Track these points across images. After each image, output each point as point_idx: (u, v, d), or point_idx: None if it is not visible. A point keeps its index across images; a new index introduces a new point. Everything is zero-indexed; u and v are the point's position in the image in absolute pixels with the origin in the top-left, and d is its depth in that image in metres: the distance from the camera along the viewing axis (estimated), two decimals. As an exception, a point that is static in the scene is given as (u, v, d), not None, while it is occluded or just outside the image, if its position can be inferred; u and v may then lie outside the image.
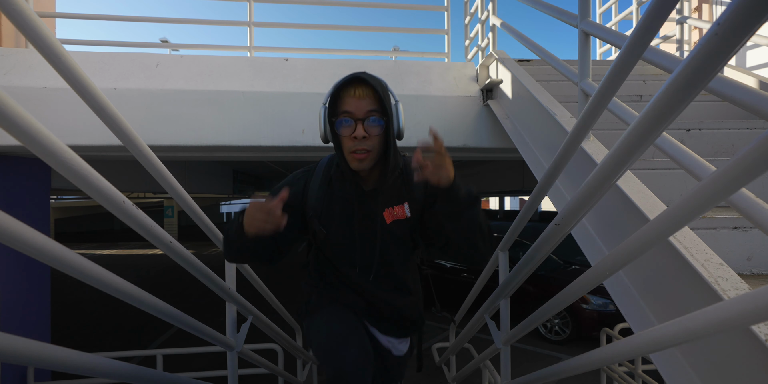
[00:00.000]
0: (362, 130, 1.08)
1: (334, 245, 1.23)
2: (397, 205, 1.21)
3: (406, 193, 1.22)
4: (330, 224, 1.20)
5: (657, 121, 0.56)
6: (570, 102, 2.12)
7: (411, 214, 1.22)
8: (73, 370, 0.62)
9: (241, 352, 1.62)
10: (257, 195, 1.01)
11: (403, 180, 1.22)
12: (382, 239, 1.21)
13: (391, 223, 1.21)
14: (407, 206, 1.21)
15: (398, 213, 1.21)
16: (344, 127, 1.10)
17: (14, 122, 0.53)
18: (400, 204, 1.21)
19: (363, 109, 1.08)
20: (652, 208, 1.08)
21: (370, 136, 1.09)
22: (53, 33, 0.65)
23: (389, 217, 1.20)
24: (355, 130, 1.08)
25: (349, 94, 1.10)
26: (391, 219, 1.20)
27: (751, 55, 2.94)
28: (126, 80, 2.79)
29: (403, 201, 1.21)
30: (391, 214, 1.21)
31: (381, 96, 1.09)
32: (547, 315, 1.14)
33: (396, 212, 1.21)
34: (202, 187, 9.04)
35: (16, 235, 0.50)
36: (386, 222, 1.20)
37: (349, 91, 1.10)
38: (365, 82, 1.10)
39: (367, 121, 1.08)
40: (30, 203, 3.41)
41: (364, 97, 1.09)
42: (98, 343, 5.57)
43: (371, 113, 1.09)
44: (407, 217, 1.21)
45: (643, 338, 0.63)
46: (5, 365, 3.07)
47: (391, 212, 1.20)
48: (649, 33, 0.70)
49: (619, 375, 3.04)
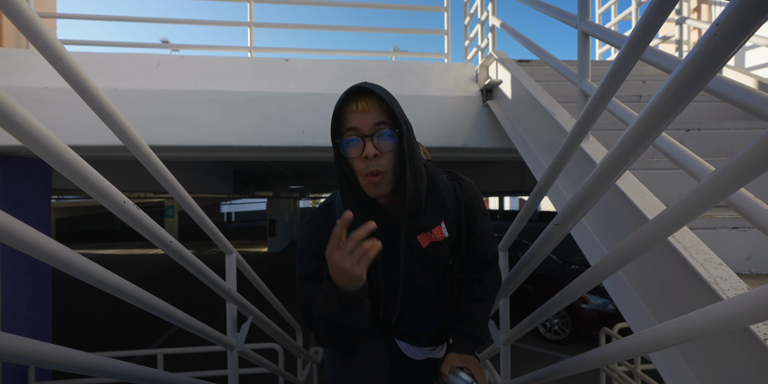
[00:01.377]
0: (372, 148, 0.92)
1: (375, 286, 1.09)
2: (434, 228, 1.07)
3: (441, 213, 1.08)
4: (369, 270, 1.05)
5: (656, 122, 0.56)
6: (569, 102, 2.12)
7: (449, 233, 1.09)
8: (73, 370, 0.62)
9: (241, 351, 1.62)
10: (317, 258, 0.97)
11: (433, 199, 1.08)
12: (419, 261, 1.08)
13: (429, 246, 1.07)
14: (444, 227, 1.08)
15: (436, 235, 1.07)
16: (351, 147, 0.94)
17: (15, 122, 0.53)
18: (437, 224, 1.07)
19: (369, 123, 0.93)
20: (652, 208, 1.08)
21: (383, 153, 0.93)
22: (54, 33, 0.65)
23: (426, 239, 1.07)
24: (364, 148, 0.93)
25: (351, 110, 0.94)
26: (427, 241, 1.07)
27: (750, 55, 2.94)
28: (127, 80, 2.80)
29: (439, 221, 1.08)
30: (428, 237, 1.07)
31: (389, 105, 0.94)
32: (547, 315, 1.14)
33: (434, 235, 1.07)
34: (203, 187, 9.04)
35: (17, 235, 0.50)
36: (422, 246, 1.07)
37: (350, 106, 0.94)
38: (368, 92, 0.94)
39: (376, 136, 0.93)
40: (31, 203, 3.41)
41: (368, 109, 0.93)
42: (99, 343, 5.57)
43: (380, 126, 0.93)
44: (445, 238, 1.08)
45: (642, 338, 0.63)
46: (6, 365, 3.07)
47: (428, 236, 1.07)
48: (648, 33, 0.70)
49: (618, 374, 3.05)
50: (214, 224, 1.36)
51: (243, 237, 20.58)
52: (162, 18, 3.31)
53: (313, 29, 3.50)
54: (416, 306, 1.14)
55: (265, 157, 3.31)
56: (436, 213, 1.07)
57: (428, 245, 1.07)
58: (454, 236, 1.11)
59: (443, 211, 1.08)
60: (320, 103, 2.88)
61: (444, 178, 1.12)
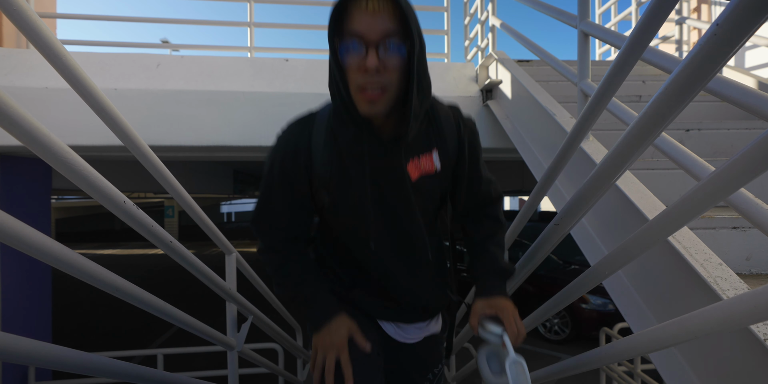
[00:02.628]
0: (375, 59, 0.78)
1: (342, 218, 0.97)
2: (424, 154, 0.93)
3: (436, 139, 0.94)
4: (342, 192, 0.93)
5: (656, 122, 0.56)
6: (569, 102, 2.12)
7: (441, 166, 0.95)
8: (73, 370, 0.62)
9: (241, 351, 1.62)
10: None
11: (429, 122, 0.94)
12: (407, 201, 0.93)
13: (418, 180, 0.93)
14: (437, 156, 0.94)
15: (426, 166, 0.93)
16: (351, 54, 0.80)
17: (15, 122, 0.53)
18: (428, 152, 0.93)
19: (378, 29, 0.77)
20: (652, 208, 1.08)
21: (387, 68, 0.79)
22: (54, 33, 0.65)
23: (415, 171, 0.92)
24: (367, 58, 0.78)
25: (359, 8, 0.78)
26: (417, 174, 0.93)
27: (750, 55, 2.94)
28: (127, 80, 2.80)
29: (431, 148, 0.94)
30: (417, 168, 0.93)
31: (404, 11, 0.78)
32: (547, 315, 1.14)
33: (423, 164, 0.93)
34: (203, 187, 9.04)
35: (17, 235, 0.50)
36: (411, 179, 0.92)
37: (359, 3, 0.78)
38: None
39: (382, 46, 0.78)
40: (31, 203, 3.41)
41: (380, 12, 0.78)
42: (99, 343, 5.57)
43: (389, 37, 0.78)
44: (437, 171, 0.95)
45: (642, 338, 0.63)
46: (6, 365, 3.07)
47: (417, 165, 0.92)
48: (648, 33, 0.70)
49: (618, 374, 3.05)
50: (214, 224, 1.36)
51: (243, 237, 20.57)
52: (162, 18, 3.31)
53: (313, 29, 3.50)
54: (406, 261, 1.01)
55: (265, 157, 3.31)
56: (430, 139, 0.94)
57: (418, 179, 0.93)
58: (447, 173, 0.98)
59: (439, 138, 0.95)
60: (320, 104, 2.88)
61: (445, 107, 0.99)
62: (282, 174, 0.93)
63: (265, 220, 0.98)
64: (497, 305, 0.93)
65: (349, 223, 0.97)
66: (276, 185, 0.95)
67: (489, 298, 0.95)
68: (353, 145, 0.90)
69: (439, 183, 0.97)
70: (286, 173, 0.93)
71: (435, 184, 0.96)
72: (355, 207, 0.93)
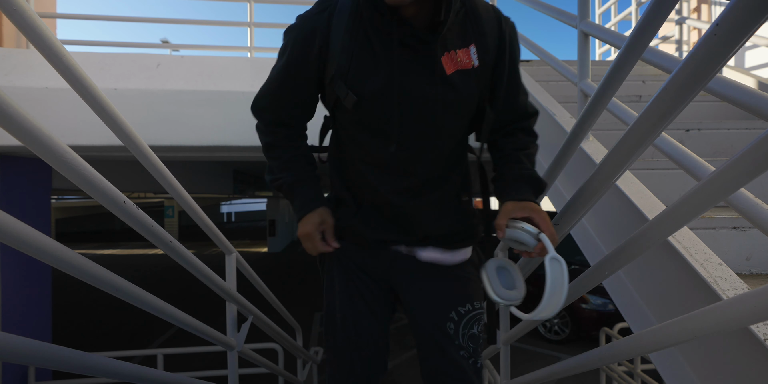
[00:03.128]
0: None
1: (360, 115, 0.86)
2: (461, 49, 0.83)
3: (474, 33, 0.85)
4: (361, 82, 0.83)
5: (656, 122, 0.56)
6: (569, 102, 2.12)
7: (480, 63, 0.85)
8: (73, 370, 0.62)
9: (241, 351, 1.62)
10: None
11: (467, 15, 0.85)
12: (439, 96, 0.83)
13: (454, 74, 0.83)
14: (474, 51, 0.84)
15: (463, 59, 0.83)
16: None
17: (15, 122, 0.53)
18: (465, 47, 0.84)
19: None
20: (651, 208, 1.08)
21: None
22: (54, 33, 0.65)
23: (450, 64, 0.82)
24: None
25: None
26: (453, 68, 0.83)
27: (750, 55, 2.94)
28: (127, 80, 2.80)
29: (468, 43, 0.84)
30: (453, 61, 0.83)
31: None
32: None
33: (460, 58, 0.83)
34: (203, 187, 9.04)
35: (17, 235, 0.50)
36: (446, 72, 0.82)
37: None
38: None
39: None
40: (31, 203, 3.41)
41: None
42: (99, 343, 5.57)
43: None
44: (474, 67, 0.85)
45: (642, 338, 0.63)
46: (6, 365, 3.07)
47: (453, 58, 0.82)
48: (648, 33, 0.70)
49: (618, 374, 3.04)
50: (214, 224, 1.36)
51: (243, 237, 20.58)
52: (162, 18, 3.31)
53: (313, 29, 3.50)
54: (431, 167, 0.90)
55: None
56: (467, 32, 0.85)
57: (454, 73, 0.83)
58: (486, 72, 0.87)
59: (478, 32, 0.85)
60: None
61: (483, 2, 0.90)
62: (291, 56, 0.87)
63: (263, 100, 0.96)
64: (531, 207, 0.83)
65: (367, 120, 0.86)
66: (283, 67, 0.89)
67: (520, 201, 0.85)
68: (381, 31, 0.81)
69: (476, 81, 0.86)
70: (294, 56, 0.87)
71: (472, 82, 0.85)
72: (378, 100, 0.83)
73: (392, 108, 0.83)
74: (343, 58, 0.82)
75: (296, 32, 0.85)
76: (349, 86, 0.83)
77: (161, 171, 0.98)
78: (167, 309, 0.92)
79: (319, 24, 0.83)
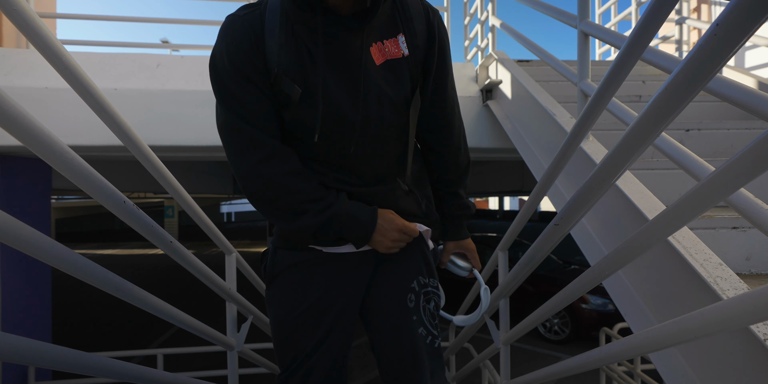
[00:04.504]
0: None
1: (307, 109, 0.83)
2: (388, 39, 0.83)
3: (402, 23, 0.85)
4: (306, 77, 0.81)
5: (656, 122, 0.56)
6: (569, 102, 2.12)
7: (410, 52, 0.85)
8: (73, 370, 0.62)
9: (241, 351, 1.62)
10: None
11: (394, 5, 0.85)
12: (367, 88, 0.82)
13: (383, 65, 0.83)
14: (403, 40, 0.84)
15: (392, 49, 0.83)
16: None
17: (15, 122, 0.53)
18: (393, 36, 0.84)
19: None
20: (651, 208, 1.08)
21: None
22: (54, 33, 0.65)
23: (379, 55, 0.82)
24: None
25: None
26: (382, 58, 0.83)
27: (750, 55, 2.94)
28: (126, 80, 2.80)
29: (396, 32, 0.84)
30: (382, 52, 0.82)
31: None
32: (547, 315, 1.14)
33: (389, 48, 0.83)
34: (203, 187, 9.04)
35: (17, 235, 0.50)
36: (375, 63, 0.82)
37: None
38: None
39: None
40: (31, 203, 3.41)
41: None
42: (99, 343, 5.57)
43: None
44: (404, 56, 0.84)
45: (642, 338, 0.63)
46: (6, 365, 3.07)
47: (381, 48, 0.82)
48: (648, 33, 0.70)
49: (618, 374, 3.05)
50: (214, 224, 1.36)
51: (243, 237, 20.58)
52: (162, 18, 3.31)
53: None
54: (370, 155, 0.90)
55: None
56: (396, 22, 0.84)
57: (383, 64, 0.83)
58: (417, 60, 0.87)
59: (407, 25, 0.85)
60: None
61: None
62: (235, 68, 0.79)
63: (236, 132, 0.83)
64: (465, 246, 1.12)
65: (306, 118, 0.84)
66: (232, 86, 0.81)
67: (458, 241, 1.11)
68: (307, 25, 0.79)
69: (408, 69, 0.85)
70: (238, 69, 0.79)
71: (403, 70, 0.85)
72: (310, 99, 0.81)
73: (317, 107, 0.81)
74: (283, 55, 0.80)
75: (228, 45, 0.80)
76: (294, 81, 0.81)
77: (161, 171, 0.98)
78: (167, 309, 0.92)
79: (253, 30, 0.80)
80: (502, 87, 2.62)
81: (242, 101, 0.81)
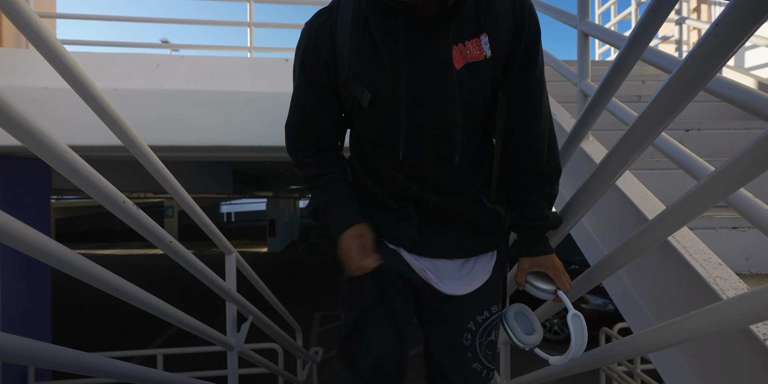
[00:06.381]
0: None
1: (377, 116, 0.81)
2: (470, 40, 0.77)
3: (486, 20, 0.78)
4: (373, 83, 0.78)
5: (656, 122, 0.56)
6: (569, 102, 2.12)
7: (492, 53, 0.78)
8: (73, 370, 0.62)
9: (241, 351, 1.62)
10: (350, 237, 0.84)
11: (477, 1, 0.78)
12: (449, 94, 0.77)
13: (463, 69, 0.77)
14: (486, 41, 0.78)
15: (473, 51, 0.77)
16: None
17: (15, 122, 0.53)
18: (476, 37, 0.77)
19: None
20: (651, 208, 1.08)
21: None
22: (54, 33, 0.65)
23: (460, 58, 0.76)
24: None
25: None
26: (462, 62, 0.77)
27: (749, 55, 2.94)
28: (126, 80, 2.80)
29: (479, 32, 0.77)
30: (463, 54, 0.77)
31: None
32: (547, 315, 1.14)
33: (470, 50, 0.77)
34: (203, 187, 9.04)
35: (17, 235, 0.50)
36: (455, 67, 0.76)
37: None
38: None
39: None
40: (30, 203, 3.41)
41: None
42: (99, 343, 5.57)
43: None
44: (486, 58, 0.78)
45: (642, 338, 0.63)
46: (6, 365, 3.07)
47: (463, 51, 0.76)
48: (648, 33, 0.70)
49: (618, 374, 3.04)
50: (214, 224, 1.36)
51: (243, 237, 20.59)
52: (162, 18, 3.31)
53: (313, 29, 3.50)
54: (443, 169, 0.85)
55: (264, 157, 3.31)
56: (479, 19, 0.78)
57: (463, 67, 0.77)
58: (500, 63, 0.80)
59: (491, 21, 0.78)
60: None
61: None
62: (304, 72, 0.84)
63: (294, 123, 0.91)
64: (545, 264, 0.88)
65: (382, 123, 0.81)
66: (299, 85, 0.87)
67: (535, 257, 0.89)
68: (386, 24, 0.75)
69: (489, 72, 0.79)
70: (307, 71, 0.84)
71: (484, 74, 0.79)
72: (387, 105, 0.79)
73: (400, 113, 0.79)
74: (354, 57, 0.78)
75: (303, 48, 0.83)
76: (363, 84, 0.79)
77: (161, 171, 0.98)
78: (167, 309, 0.92)
79: (323, 34, 0.80)
80: (502, 87, 2.61)
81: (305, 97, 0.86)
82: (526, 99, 0.84)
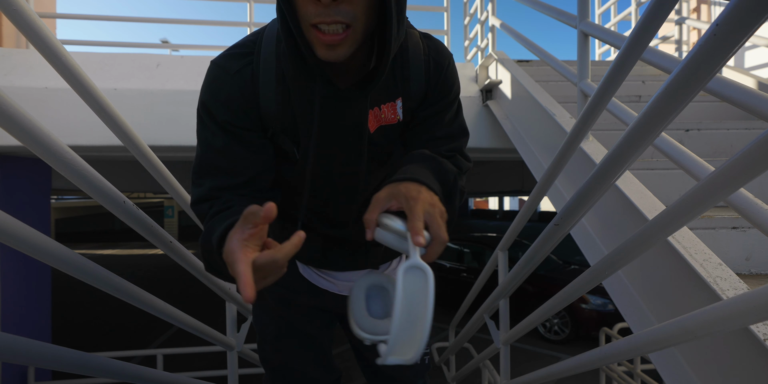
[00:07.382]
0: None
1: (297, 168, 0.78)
2: (385, 104, 0.75)
3: (402, 83, 0.76)
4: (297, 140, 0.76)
5: (656, 122, 0.56)
6: (569, 102, 2.12)
7: (404, 116, 0.77)
8: (73, 370, 0.62)
9: (241, 351, 1.62)
10: None
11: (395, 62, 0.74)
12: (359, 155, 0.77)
13: (376, 131, 0.76)
14: (400, 106, 0.76)
15: (387, 115, 0.75)
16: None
17: (15, 122, 0.53)
18: (391, 101, 0.75)
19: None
20: (651, 208, 1.08)
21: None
22: (54, 33, 0.65)
23: (374, 121, 0.75)
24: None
25: None
26: (376, 125, 0.75)
27: (749, 55, 2.94)
28: (126, 81, 2.80)
29: (395, 96, 0.76)
30: (377, 118, 0.75)
31: None
32: (547, 315, 1.14)
33: (385, 114, 0.75)
34: (202, 187, 9.03)
35: (17, 235, 0.50)
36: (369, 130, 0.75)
37: None
38: None
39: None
40: (30, 203, 3.41)
41: None
42: (99, 343, 5.57)
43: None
44: (399, 121, 0.77)
45: (641, 338, 0.63)
46: (6, 365, 3.07)
47: (377, 115, 0.75)
48: (648, 33, 0.70)
49: (618, 374, 3.04)
50: (214, 224, 1.35)
51: (243, 237, 20.51)
52: (162, 18, 3.31)
53: (313, 29, 3.50)
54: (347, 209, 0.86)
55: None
56: (396, 84, 0.75)
57: (377, 130, 0.76)
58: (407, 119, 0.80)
59: (404, 82, 0.76)
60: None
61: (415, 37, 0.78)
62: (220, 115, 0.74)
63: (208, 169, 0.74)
64: (405, 192, 0.59)
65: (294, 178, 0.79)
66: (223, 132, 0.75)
67: (398, 183, 0.62)
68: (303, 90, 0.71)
69: (396, 134, 0.79)
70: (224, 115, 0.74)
71: (395, 134, 0.79)
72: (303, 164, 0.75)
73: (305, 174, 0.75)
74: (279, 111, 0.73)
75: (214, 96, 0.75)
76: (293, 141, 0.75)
77: (161, 171, 0.98)
78: (167, 309, 0.92)
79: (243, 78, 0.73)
80: (502, 87, 2.62)
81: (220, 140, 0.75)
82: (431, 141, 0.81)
